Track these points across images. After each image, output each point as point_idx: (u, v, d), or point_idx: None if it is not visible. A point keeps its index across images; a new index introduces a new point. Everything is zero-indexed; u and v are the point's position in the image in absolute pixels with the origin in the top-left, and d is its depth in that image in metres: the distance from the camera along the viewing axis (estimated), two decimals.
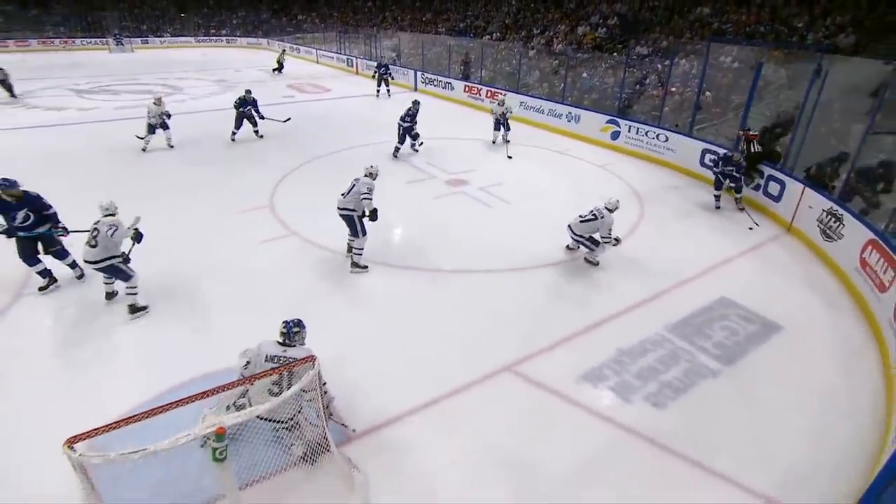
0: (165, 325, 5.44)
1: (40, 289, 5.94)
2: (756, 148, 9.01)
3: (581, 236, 6.67)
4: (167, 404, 2.82)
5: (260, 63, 28.05)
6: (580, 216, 6.66)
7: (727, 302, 6.07)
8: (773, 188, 8.59)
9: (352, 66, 25.78)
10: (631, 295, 6.15)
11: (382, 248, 7.21)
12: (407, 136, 11.40)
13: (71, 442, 2.57)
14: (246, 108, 12.12)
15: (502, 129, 12.40)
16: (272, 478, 3.57)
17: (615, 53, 16.66)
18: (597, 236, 6.63)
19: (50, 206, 5.80)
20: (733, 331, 5.56)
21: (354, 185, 6.43)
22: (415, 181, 10.02)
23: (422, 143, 11.70)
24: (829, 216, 7.05)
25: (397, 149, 11.44)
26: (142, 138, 11.32)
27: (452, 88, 18.53)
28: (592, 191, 9.69)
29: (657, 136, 11.49)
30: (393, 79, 19.57)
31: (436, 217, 8.42)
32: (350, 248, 6.72)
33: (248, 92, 12.24)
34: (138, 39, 36.00)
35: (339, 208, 6.44)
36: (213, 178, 10.01)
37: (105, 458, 2.55)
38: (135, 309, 5.54)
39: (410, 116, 11.28)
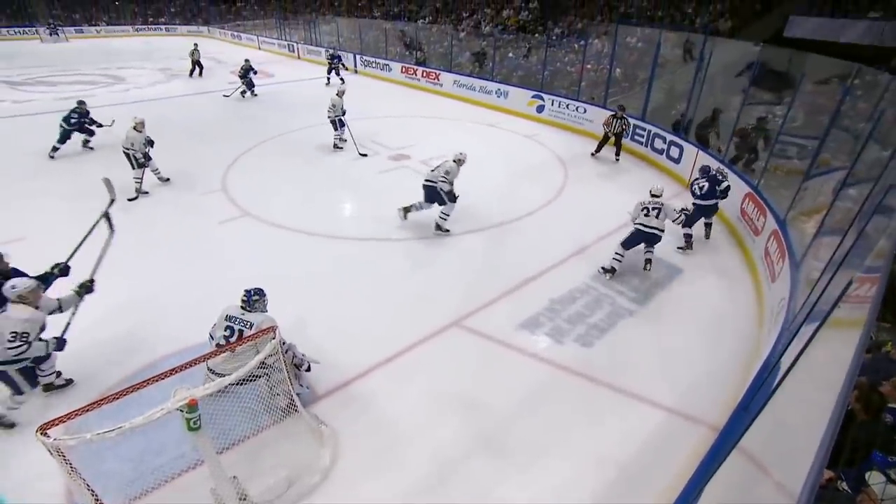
0: (133, 307, 5.11)
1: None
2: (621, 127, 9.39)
3: (656, 229, 5.72)
4: (138, 384, 2.69)
5: (202, 51, 25.98)
6: (646, 216, 5.77)
7: (641, 251, 6.38)
8: (674, 152, 9.00)
9: (293, 51, 24.37)
10: (559, 250, 6.35)
11: (330, 222, 7.08)
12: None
13: (44, 428, 2.41)
14: (77, 122, 9.42)
15: (337, 129, 9.98)
16: (247, 441, 3.52)
17: (536, 34, 16.65)
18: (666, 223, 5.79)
19: None
20: (645, 276, 5.88)
21: (442, 164, 6.64)
22: (358, 158, 9.73)
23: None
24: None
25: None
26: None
27: (390, 70, 17.97)
28: (522, 158, 9.87)
29: (577, 108, 11.70)
30: (346, 68, 18.61)
31: (380, 190, 8.27)
32: (413, 208, 6.88)
33: (82, 103, 9.54)
34: (72, 29, 31.78)
35: (425, 180, 6.63)
36: (166, 163, 9.28)
37: (81, 439, 2.43)
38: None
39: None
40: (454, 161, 6.65)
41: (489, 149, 10.53)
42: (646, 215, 5.76)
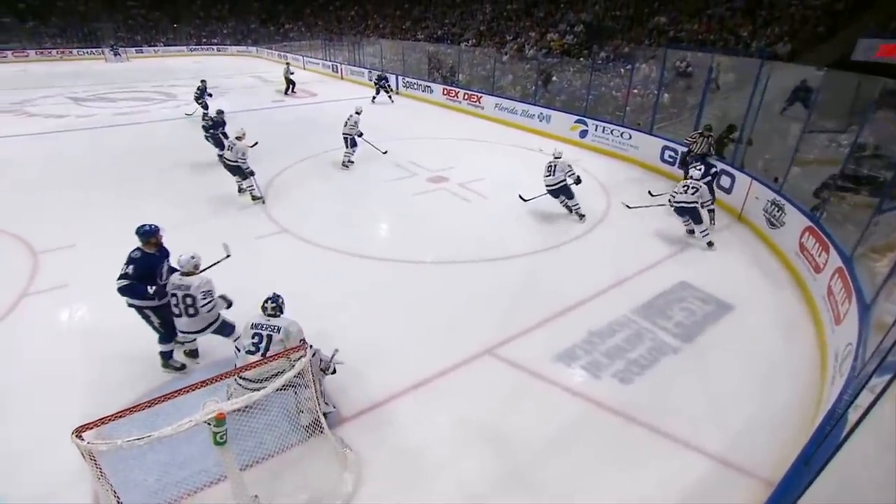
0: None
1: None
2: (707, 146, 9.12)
3: (684, 202, 6.96)
4: (169, 393, 2.77)
5: (249, 70, 27.46)
6: (685, 190, 6.98)
7: (686, 285, 6.16)
8: (725, 181, 8.70)
9: (337, 71, 25.42)
10: (600, 281, 6.19)
11: (366, 242, 7.19)
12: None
13: (79, 431, 2.53)
14: (217, 131, 10.43)
15: (348, 147, 10.48)
16: (270, 459, 3.54)
17: (581, 58, 16.70)
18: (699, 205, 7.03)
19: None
20: (691, 311, 5.65)
21: (554, 166, 7.69)
22: (397, 179, 9.92)
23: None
24: (773, 206, 7.18)
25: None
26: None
27: (432, 91, 18.41)
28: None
29: (622, 134, 11.58)
30: (392, 89, 19.37)
31: (417, 212, 8.37)
32: (570, 209, 8.02)
33: (220, 113, 10.62)
34: (133, 49, 34.83)
35: (548, 186, 7.78)
36: (211, 177, 9.77)
37: (112, 445, 2.53)
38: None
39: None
40: (557, 157, 7.73)
41: (530, 173, 10.48)
42: (684, 191, 6.92)
